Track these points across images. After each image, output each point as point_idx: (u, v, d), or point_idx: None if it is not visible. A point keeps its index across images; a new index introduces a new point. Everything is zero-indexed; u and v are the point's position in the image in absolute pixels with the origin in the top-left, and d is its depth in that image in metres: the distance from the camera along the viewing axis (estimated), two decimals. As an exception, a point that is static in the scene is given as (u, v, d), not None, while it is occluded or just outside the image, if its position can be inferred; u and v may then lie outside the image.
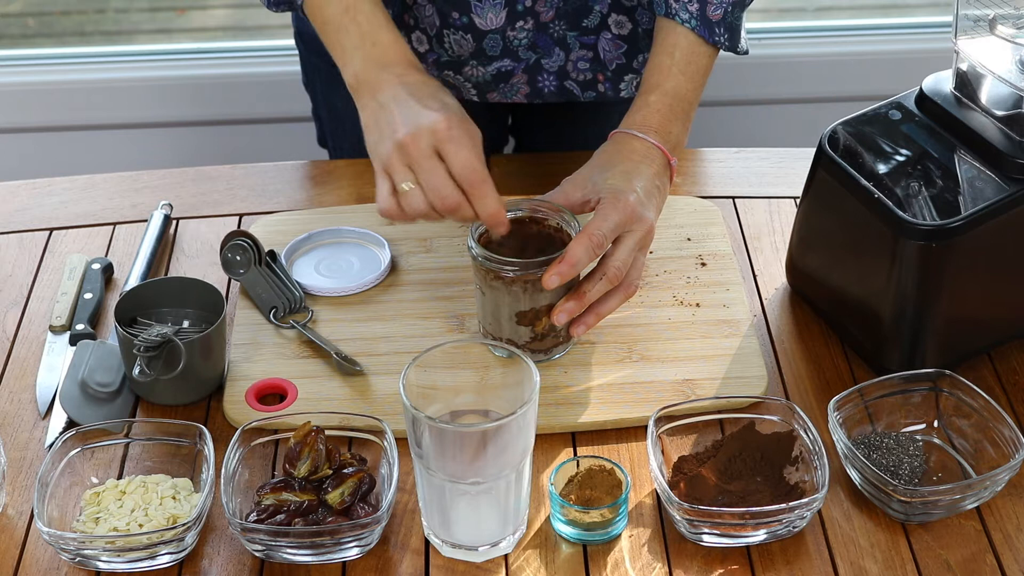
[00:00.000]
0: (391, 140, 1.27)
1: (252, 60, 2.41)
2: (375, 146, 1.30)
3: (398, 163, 1.27)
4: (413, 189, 1.26)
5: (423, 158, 1.26)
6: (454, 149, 1.26)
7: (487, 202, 1.27)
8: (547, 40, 1.52)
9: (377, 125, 1.29)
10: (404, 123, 1.27)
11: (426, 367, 1.16)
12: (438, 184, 1.26)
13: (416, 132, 1.26)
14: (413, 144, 1.26)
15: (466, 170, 1.26)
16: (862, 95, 2.01)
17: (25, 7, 3.02)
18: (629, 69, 1.56)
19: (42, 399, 1.33)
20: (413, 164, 1.26)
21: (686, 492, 1.19)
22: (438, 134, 1.25)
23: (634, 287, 1.31)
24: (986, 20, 1.32)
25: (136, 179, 1.63)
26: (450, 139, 1.26)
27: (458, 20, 1.49)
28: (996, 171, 1.27)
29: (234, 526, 1.16)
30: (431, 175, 1.26)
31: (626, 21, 1.52)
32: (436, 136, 1.25)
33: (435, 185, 1.26)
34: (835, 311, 1.39)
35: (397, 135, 1.26)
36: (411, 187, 1.26)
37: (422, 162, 1.26)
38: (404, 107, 1.28)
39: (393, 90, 1.30)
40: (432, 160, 1.26)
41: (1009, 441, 1.21)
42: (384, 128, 1.28)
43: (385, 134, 1.28)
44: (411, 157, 1.26)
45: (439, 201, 1.26)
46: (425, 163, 1.26)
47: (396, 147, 1.26)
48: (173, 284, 1.37)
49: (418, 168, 1.26)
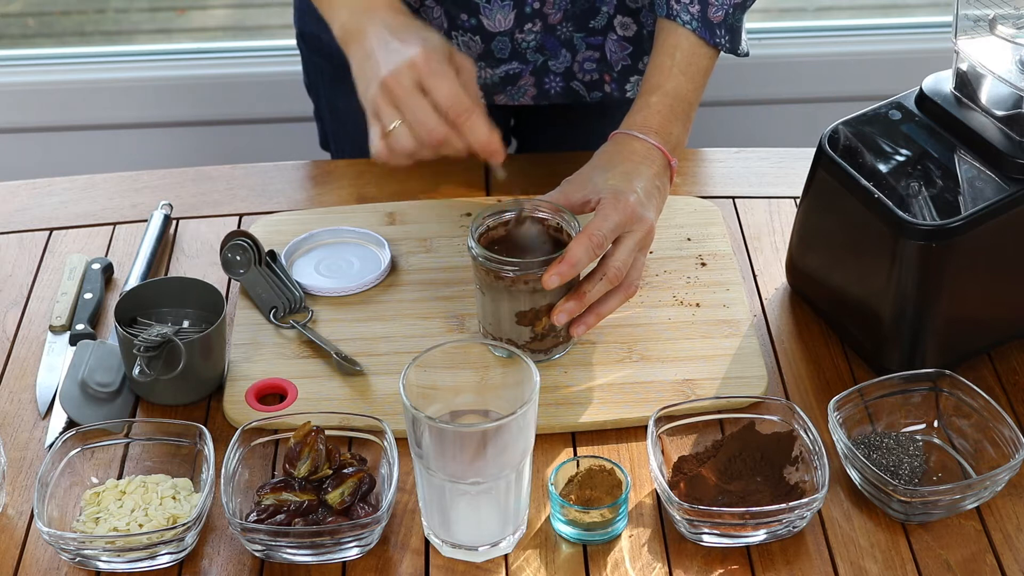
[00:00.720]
0: (375, 82, 1.26)
1: (252, 60, 2.41)
2: (364, 92, 1.29)
3: (384, 103, 1.26)
4: (399, 127, 1.25)
5: (406, 95, 1.25)
6: (436, 82, 1.25)
7: (477, 131, 1.26)
8: (554, 42, 1.52)
9: (364, 73, 1.29)
10: (386, 63, 1.26)
11: (426, 367, 1.16)
12: (423, 118, 1.25)
13: (397, 69, 1.25)
14: (395, 82, 1.25)
15: (450, 100, 1.25)
16: (862, 95, 2.01)
17: (25, 7, 3.02)
18: (634, 70, 1.56)
19: (42, 399, 1.33)
20: (398, 102, 1.25)
21: (686, 492, 1.19)
22: (418, 68, 1.24)
23: (634, 287, 1.31)
24: (986, 20, 1.32)
25: (136, 179, 1.63)
26: (431, 72, 1.25)
27: (467, 22, 1.49)
28: (996, 171, 1.27)
29: (234, 526, 1.16)
30: (415, 110, 1.25)
31: (631, 23, 1.52)
32: (416, 71, 1.25)
33: (420, 119, 1.25)
34: (835, 311, 1.39)
35: (380, 75, 1.26)
36: (398, 125, 1.25)
37: (405, 99, 1.25)
38: (386, 48, 1.27)
39: (377, 34, 1.29)
40: (415, 96, 1.25)
41: (1009, 441, 1.21)
42: (369, 72, 1.28)
43: (370, 77, 1.27)
44: (395, 95, 1.25)
45: (426, 135, 1.25)
46: (408, 100, 1.25)
47: (380, 87, 1.26)
48: (173, 284, 1.37)
49: (402, 105, 1.25)
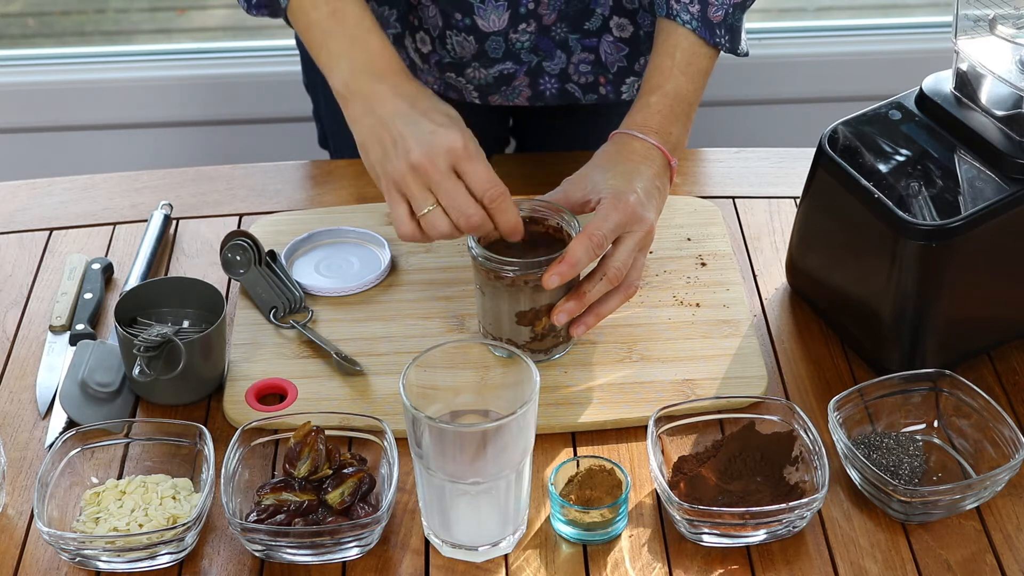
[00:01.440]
0: (404, 161, 1.24)
1: (252, 60, 2.41)
2: (380, 164, 1.27)
3: (415, 185, 1.24)
4: (435, 210, 1.24)
5: (443, 179, 1.23)
6: (472, 167, 1.24)
7: (509, 215, 1.26)
8: (549, 43, 1.52)
9: (381, 143, 1.27)
10: (417, 143, 1.24)
11: (426, 367, 1.16)
12: (462, 204, 1.23)
13: (432, 152, 1.23)
14: (430, 165, 1.23)
15: (488, 185, 1.24)
16: (862, 95, 2.01)
17: (25, 7, 3.02)
18: (631, 72, 1.56)
19: (42, 399, 1.33)
20: (432, 185, 1.24)
21: (686, 492, 1.19)
22: (455, 153, 1.23)
23: (634, 288, 1.31)
24: (986, 20, 1.31)
25: (136, 179, 1.63)
26: (467, 157, 1.24)
27: (461, 21, 1.49)
28: (996, 171, 1.27)
29: (234, 526, 1.16)
30: (453, 195, 1.23)
31: (627, 24, 1.52)
32: (453, 155, 1.23)
33: (459, 205, 1.23)
34: (835, 311, 1.39)
35: (411, 156, 1.23)
36: (432, 209, 1.24)
37: (442, 183, 1.23)
38: (411, 124, 1.25)
39: (392, 103, 1.27)
40: (451, 180, 1.24)
41: (1009, 441, 1.21)
42: (390, 147, 1.26)
43: (393, 153, 1.25)
44: (429, 178, 1.23)
45: (463, 220, 1.24)
46: (445, 183, 1.23)
47: (410, 168, 1.24)
48: (173, 284, 1.37)
49: (438, 189, 1.24)
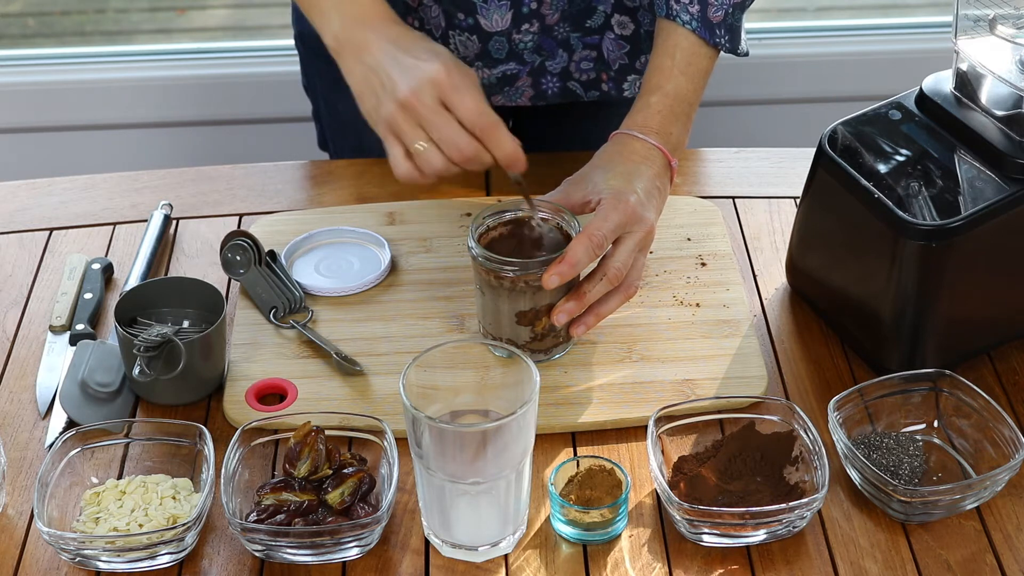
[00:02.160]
0: (392, 101, 1.24)
1: (252, 60, 2.41)
2: (374, 110, 1.26)
3: (405, 123, 1.23)
4: (428, 147, 1.23)
5: (431, 113, 1.22)
6: (459, 98, 1.23)
7: (503, 143, 1.25)
8: (551, 42, 1.52)
9: (371, 88, 1.26)
10: (402, 80, 1.23)
11: (426, 367, 1.16)
12: (452, 136, 1.22)
13: (417, 87, 1.22)
14: (417, 100, 1.22)
15: (477, 115, 1.23)
16: (862, 95, 2.01)
17: (25, 7, 3.02)
18: (632, 70, 1.56)
19: (42, 399, 1.33)
20: (422, 121, 1.23)
21: (686, 492, 1.19)
22: (440, 85, 1.22)
23: (634, 288, 1.31)
24: (986, 20, 1.32)
25: (136, 179, 1.63)
26: (453, 88, 1.23)
27: (464, 21, 1.48)
28: (996, 171, 1.27)
29: (234, 526, 1.16)
30: (443, 128, 1.22)
31: (629, 22, 1.52)
32: (438, 87, 1.22)
33: (450, 138, 1.22)
34: (835, 311, 1.39)
35: (398, 94, 1.23)
36: (425, 146, 1.23)
37: (431, 117, 1.22)
38: (397, 63, 1.24)
39: (379, 46, 1.26)
40: (440, 113, 1.23)
41: (1009, 441, 1.21)
42: (380, 90, 1.25)
43: (383, 96, 1.25)
44: (418, 114, 1.23)
45: (457, 153, 1.23)
46: (434, 118, 1.22)
47: (399, 107, 1.23)
48: (173, 284, 1.37)
49: (428, 124, 1.23)
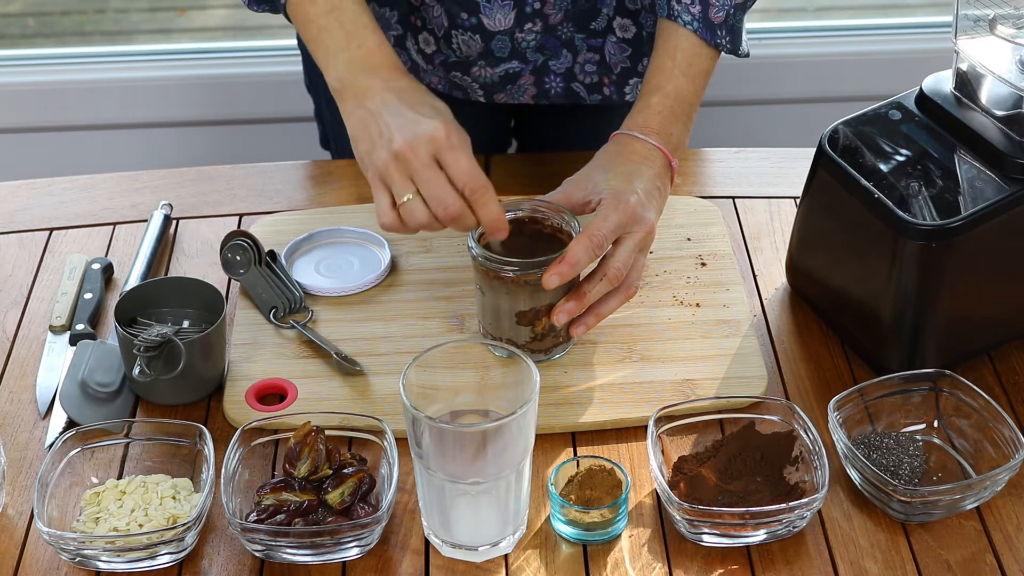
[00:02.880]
0: (386, 150, 1.24)
1: (252, 60, 2.41)
2: (367, 155, 1.27)
3: (396, 174, 1.24)
4: (413, 200, 1.23)
5: (423, 167, 1.23)
6: (454, 157, 1.23)
7: (489, 208, 1.25)
8: (555, 42, 1.52)
9: (368, 134, 1.26)
10: (400, 132, 1.23)
11: (426, 367, 1.16)
12: (440, 193, 1.23)
13: (414, 141, 1.23)
14: (412, 153, 1.23)
15: (468, 177, 1.23)
16: (862, 95, 2.01)
17: (25, 7, 3.02)
18: (633, 73, 1.56)
19: (42, 399, 1.33)
20: (413, 174, 1.23)
21: (686, 492, 1.19)
22: (437, 142, 1.23)
23: (634, 288, 1.31)
24: (986, 20, 1.32)
25: (136, 179, 1.63)
26: (450, 147, 1.23)
27: (467, 21, 1.49)
28: (996, 171, 1.27)
29: (234, 526, 1.16)
30: (432, 184, 1.23)
31: (630, 25, 1.52)
32: (435, 144, 1.23)
33: (437, 194, 1.23)
34: (835, 311, 1.39)
35: (394, 144, 1.23)
36: (411, 198, 1.23)
37: (422, 172, 1.23)
38: (397, 115, 1.25)
39: (382, 96, 1.27)
40: (432, 169, 1.23)
41: (1009, 441, 1.21)
42: (376, 137, 1.25)
43: (379, 143, 1.25)
44: (410, 167, 1.23)
45: (442, 210, 1.23)
46: (425, 172, 1.23)
47: (393, 157, 1.23)
48: (173, 284, 1.37)
49: (418, 178, 1.23)
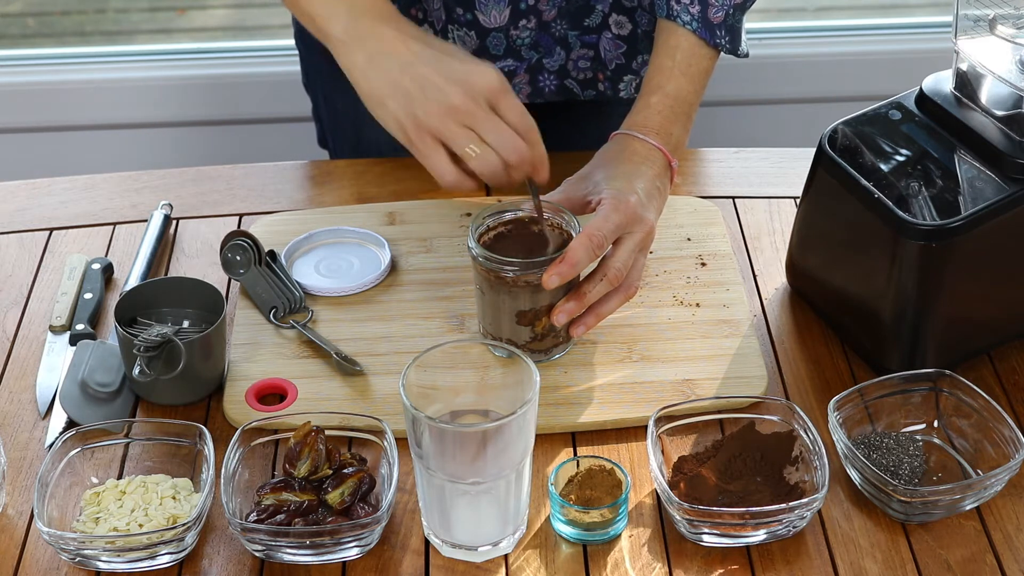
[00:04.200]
0: (439, 104, 1.21)
1: (252, 60, 2.41)
2: (406, 111, 1.22)
3: (456, 127, 1.21)
4: (484, 150, 1.21)
5: (486, 116, 1.21)
6: (509, 102, 1.22)
7: (541, 147, 1.25)
8: (548, 39, 1.52)
9: (401, 89, 1.22)
10: (453, 83, 1.21)
11: (426, 367, 1.16)
12: (510, 139, 1.21)
13: (472, 91, 1.21)
14: (473, 103, 1.21)
15: (523, 119, 1.23)
16: (862, 95, 2.01)
17: (25, 7, 3.02)
18: (628, 70, 1.56)
19: (42, 399, 1.33)
20: (475, 123, 1.21)
21: (686, 492, 1.19)
22: (493, 89, 1.21)
23: (634, 288, 1.31)
24: (986, 20, 1.32)
25: (136, 179, 1.63)
26: (504, 91, 1.22)
27: (462, 17, 1.49)
28: (996, 171, 1.27)
29: (234, 526, 1.16)
30: (500, 132, 1.21)
31: (626, 22, 1.52)
32: (492, 91, 1.21)
33: (508, 140, 1.21)
34: (835, 311, 1.39)
35: (450, 97, 1.20)
36: (480, 150, 1.21)
37: (487, 120, 1.21)
38: (439, 65, 1.22)
39: (406, 45, 1.24)
40: (494, 117, 1.21)
41: (1009, 441, 1.21)
42: (417, 92, 1.22)
43: (422, 97, 1.21)
44: (473, 117, 1.21)
45: (515, 156, 1.22)
46: (490, 121, 1.21)
47: (449, 110, 1.21)
48: (173, 284, 1.37)
49: (482, 127, 1.21)
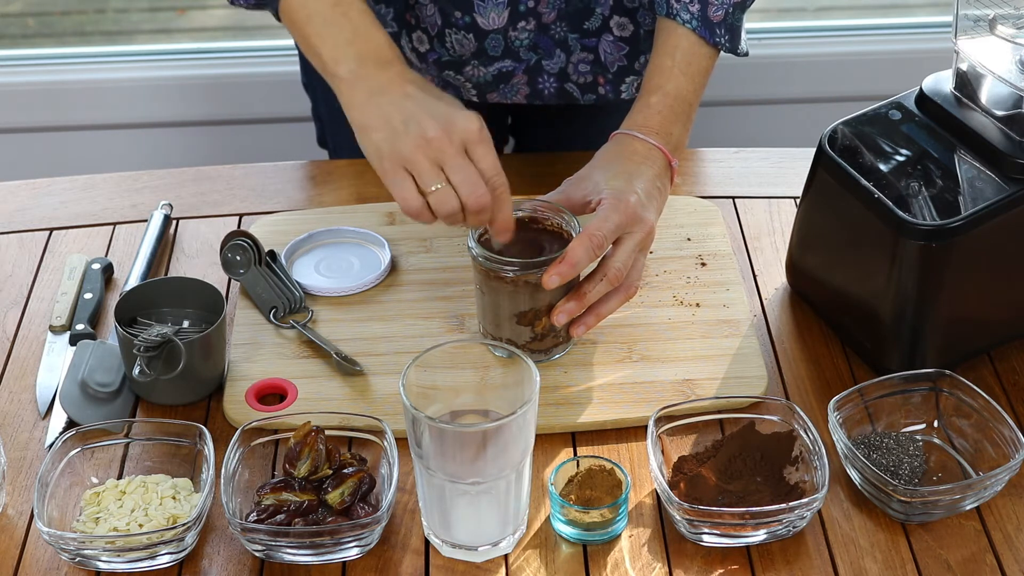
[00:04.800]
0: (415, 137, 1.23)
1: (252, 60, 2.41)
2: (385, 142, 1.25)
3: (425, 161, 1.23)
4: (445, 188, 1.23)
5: (456, 156, 1.23)
6: (484, 151, 1.24)
7: (506, 208, 1.26)
8: (548, 41, 1.52)
9: (386, 121, 1.25)
10: (434, 119, 1.23)
11: (426, 367, 1.16)
12: (473, 182, 1.23)
13: (449, 129, 1.23)
14: (447, 141, 1.22)
15: (493, 172, 1.24)
16: (862, 95, 2.01)
17: (25, 7, 3.02)
18: (631, 71, 1.56)
19: (42, 399, 1.33)
20: (444, 161, 1.23)
21: (686, 492, 1.19)
22: (471, 133, 1.23)
23: (634, 288, 1.31)
24: (986, 20, 1.32)
25: (136, 179, 1.63)
26: (481, 140, 1.24)
27: (460, 20, 1.49)
28: (996, 171, 1.27)
29: (234, 526, 1.16)
30: (465, 172, 1.23)
31: (628, 23, 1.52)
32: (468, 135, 1.23)
33: (471, 182, 1.23)
34: (835, 311, 1.39)
35: (427, 132, 1.22)
36: (442, 186, 1.23)
37: (455, 160, 1.23)
38: (425, 104, 1.25)
39: (402, 87, 1.27)
40: (463, 158, 1.23)
41: (1009, 441, 1.21)
42: (399, 125, 1.24)
43: (403, 131, 1.24)
44: (443, 154, 1.23)
45: (473, 199, 1.23)
46: (458, 160, 1.23)
47: (424, 143, 1.23)
48: (173, 284, 1.37)
49: (450, 165, 1.23)
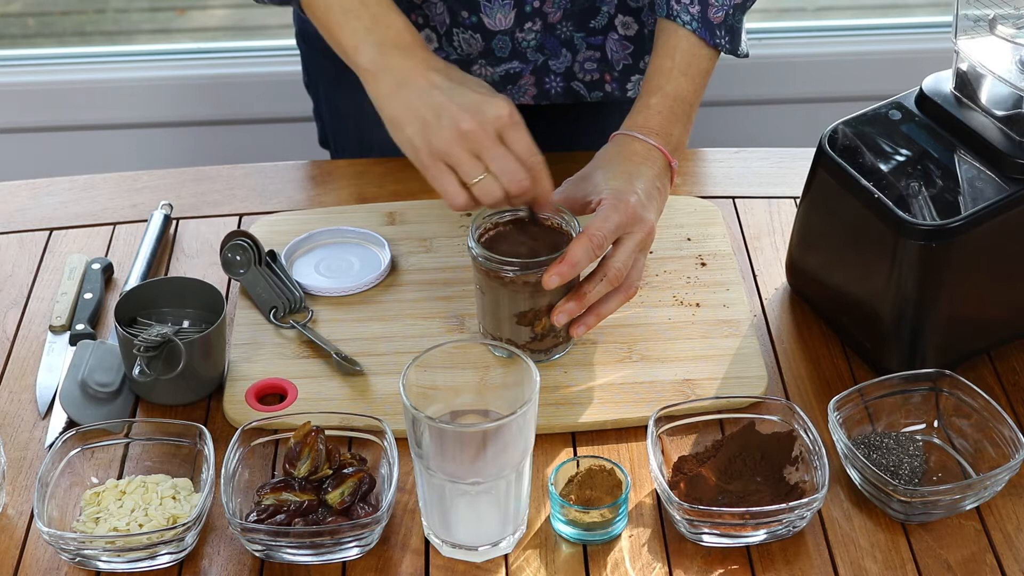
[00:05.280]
0: (450, 130, 1.25)
1: (252, 60, 2.40)
2: (419, 136, 1.26)
3: (464, 153, 1.25)
4: (487, 177, 1.25)
5: (493, 145, 1.25)
6: (519, 134, 1.26)
7: (547, 182, 1.29)
8: (554, 41, 1.52)
9: (417, 115, 1.26)
10: (466, 111, 1.25)
11: (426, 367, 1.16)
12: (513, 169, 1.25)
13: (482, 120, 1.24)
14: (481, 132, 1.24)
15: (529, 152, 1.26)
16: (862, 95, 2.01)
17: (25, 7, 3.02)
18: (636, 70, 1.56)
19: (42, 399, 1.33)
20: (482, 151, 1.25)
21: (686, 492, 1.19)
22: (503, 120, 1.25)
23: (634, 288, 1.31)
24: (986, 20, 1.32)
25: (136, 179, 1.63)
26: (514, 124, 1.25)
27: (467, 19, 1.49)
28: (996, 171, 1.27)
29: (234, 526, 1.16)
30: (505, 161, 1.25)
31: (632, 22, 1.52)
32: (501, 122, 1.25)
33: (512, 170, 1.25)
34: (835, 311, 1.39)
35: (461, 124, 1.24)
36: (485, 177, 1.25)
37: (492, 149, 1.25)
38: (455, 94, 1.26)
39: (426, 76, 1.27)
40: (500, 146, 1.25)
41: (1009, 441, 1.21)
42: (432, 118, 1.25)
43: (436, 124, 1.25)
44: (480, 145, 1.25)
45: (515, 185, 1.25)
46: (496, 149, 1.25)
47: (460, 137, 1.24)
48: (173, 284, 1.37)
49: (488, 155, 1.25)
